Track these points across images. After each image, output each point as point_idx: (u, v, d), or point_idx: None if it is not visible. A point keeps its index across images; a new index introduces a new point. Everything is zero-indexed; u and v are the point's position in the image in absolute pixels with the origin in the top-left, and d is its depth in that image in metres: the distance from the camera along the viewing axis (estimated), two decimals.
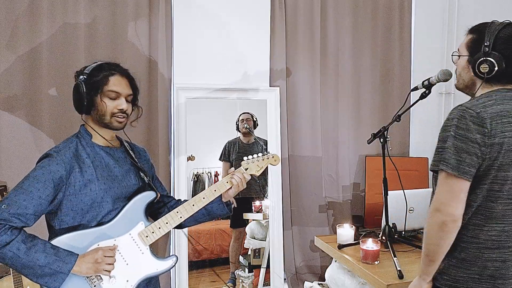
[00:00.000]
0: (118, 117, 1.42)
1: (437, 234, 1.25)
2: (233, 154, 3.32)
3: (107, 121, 1.42)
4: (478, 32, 1.34)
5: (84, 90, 1.38)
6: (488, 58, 1.29)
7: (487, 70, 1.29)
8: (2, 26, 2.31)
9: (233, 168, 1.59)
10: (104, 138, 1.45)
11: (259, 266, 3.14)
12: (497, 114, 1.23)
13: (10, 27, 2.32)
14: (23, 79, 2.35)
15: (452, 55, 1.42)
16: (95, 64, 1.44)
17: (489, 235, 1.25)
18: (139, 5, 2.58)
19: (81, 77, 1.40)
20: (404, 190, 2.06)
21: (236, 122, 3.37)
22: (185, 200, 1.56)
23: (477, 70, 1.31)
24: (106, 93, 1.40)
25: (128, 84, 1.46)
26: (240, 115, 3.34)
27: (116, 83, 1.42)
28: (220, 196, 1.56)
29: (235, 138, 3.36)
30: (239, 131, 3.36)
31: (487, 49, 1.29)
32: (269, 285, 2.95)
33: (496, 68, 1.28)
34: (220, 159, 3.37)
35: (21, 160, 2.33)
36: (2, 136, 2.32)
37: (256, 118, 3.32)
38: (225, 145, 3.36)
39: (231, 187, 1.55)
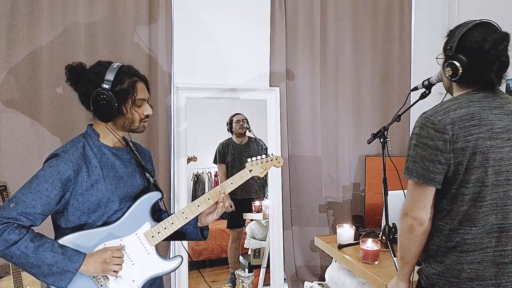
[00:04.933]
0: (145, 122, 1.46)
1: (407, 237, 1.32)
2: (228, 156, 3.31)
3: (135, 127, 1.44)
4: (450, 34, 1.33)
5: (114, 100, 1.35)
6: (453, 61, 1.27)
7: (450, 74, 1.29)
8: (2, 26, 2.31)
9: (218, 187, 1.54)
10: (116, 138, 1.45)
11: (259, 266, 3.14)
12: (460, 118, 1.22)
13: (11, 27, 2.32)
14: (24, 79, 2.35)
15: (436, 58, 1.40)
16: (113, 68, 1.38)
17: (464, 238, 1.24)
18: (139, 7, 2.58)
19: (105, 85, 1.35)
20: (404, 190, 2.05)
21: (228, 123, 3.33)
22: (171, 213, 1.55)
23: (445, 74, 1.31)
24: (136, 102, 1.40)
25: (146, 88, 1.46)
26: (233, 116, 3.30)
27: (141, 90, 1.42)
28: (196, 219, 1.55)
29: (227, 139, 3.34)
30: (232, 132, 3.33)
31: (450, 52, 1.28)
32: (269, 285, 2.95)
33: (460, 71, 1.26)
34: (214, 162, 3.34)
35: (21, 160, 2.33)
36: (3, 136, 2.32)
37: (247, 119, 3.30)
38: (218, 147, 3.33)
39: (213, 210, 1.53)
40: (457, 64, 1.26)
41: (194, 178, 3.45)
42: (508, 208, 1.24)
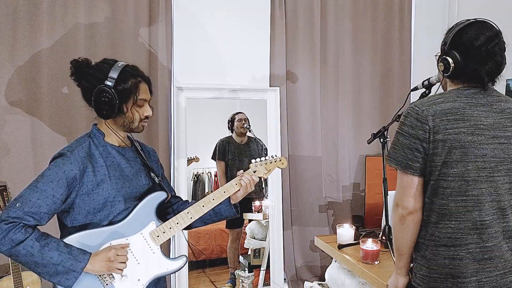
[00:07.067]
0: (144, 122, 1.47)
1: (399, 227, 1.32)
2: (228, 154, 3.30)
3: (134, 127, 1.45)
4: (447, 31, 1.36)
5: (116, 98, 1.35)
6: (445, 57, 1.30)
7: (442, 69, 1.32)
8: (4, 29, 2.31)
9: (241, 171, 1.59)
10: (120, 138, 1.46)
11: (259, 266, 3.14)
12: (442, 111, 1.24)
13: (13, 30, 2.32)
14: (26, 81, 2.35)
15: (435, 55, 1.43)
16: (118, 66, 1.40)
17: (444, 232, 1.25)
18: (139, 7, 2.58)
19: (108, 83, 1.36)
20: None
21: (229, 122, 3.34)
22: (192, 201, 1.56)
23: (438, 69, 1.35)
24: (138, 102, 1.41)
25: (148, 89, 1.47)
26: (235, 114, 3.30)
27: (143, 91, 1.43)
28: (229, 197, 1.57)
29: (228, 137, 3.34)
30: (232, 131, 3.33)
31: (444, 47, 1.32)
32: (269, 285, 2.95)
33: (452, 66, 1.29)
34: (213, 158, 3.33)
35: (22, 160, 2.33)
36: (4, 136, 2.32)
37: (248, 119, 3.30)
38: (218, 144, 3.32)
39: (239, 189, 1.55)
40: (450, 59, 1.29)
41: (194, 178, 3.44)
42: (490, 205, 1.24)
